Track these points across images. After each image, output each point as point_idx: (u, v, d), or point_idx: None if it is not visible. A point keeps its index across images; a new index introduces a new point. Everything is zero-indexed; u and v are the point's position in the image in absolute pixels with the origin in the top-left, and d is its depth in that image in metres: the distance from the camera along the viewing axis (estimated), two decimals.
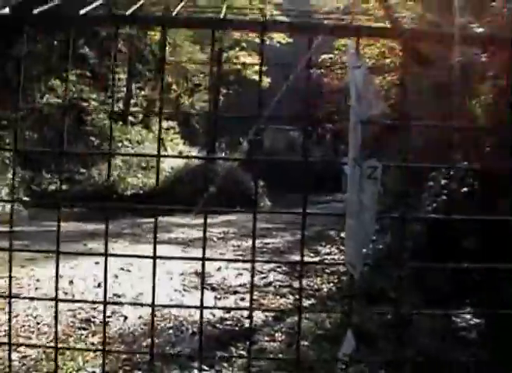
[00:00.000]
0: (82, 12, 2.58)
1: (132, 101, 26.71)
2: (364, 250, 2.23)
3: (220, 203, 19.07)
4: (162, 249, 3.01)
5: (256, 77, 28.23)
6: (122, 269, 8.38)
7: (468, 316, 7.01)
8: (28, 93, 21.27)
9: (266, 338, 5.98)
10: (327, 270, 9.02)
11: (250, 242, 11.07)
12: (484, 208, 6.64)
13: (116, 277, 7.94)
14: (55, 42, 22.77)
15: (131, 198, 19.29)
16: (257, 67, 28.43)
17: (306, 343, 5.71)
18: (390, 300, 7.06)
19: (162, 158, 6.05)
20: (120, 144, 22.58)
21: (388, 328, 6.36)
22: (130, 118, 25.48)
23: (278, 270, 9.08)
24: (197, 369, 4.98)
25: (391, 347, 5.62)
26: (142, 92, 26.99)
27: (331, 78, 18.45)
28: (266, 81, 29.22)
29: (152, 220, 8.56)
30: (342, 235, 10.94)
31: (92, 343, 5.52)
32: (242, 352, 5.59)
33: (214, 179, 21.57)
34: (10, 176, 16.48)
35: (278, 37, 28.99)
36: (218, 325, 6.35)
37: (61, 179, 19.85)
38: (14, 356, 5.02)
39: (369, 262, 5.18)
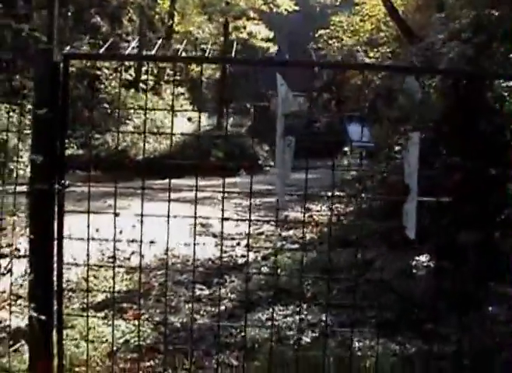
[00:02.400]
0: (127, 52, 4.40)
1: (143, 68, 28.19)
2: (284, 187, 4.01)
3: (226, 167, 20.83)
4: (173, 207, 4.02)
5: (263, 44, 29.65)
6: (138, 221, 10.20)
7: (424, 259, 8.75)
8: None
9: (254, 270, 7.80)
10: (312, 223, 10.84)
11: (248, 201, 12.91)
12: None
13: (134, 226, 9.75)
14: (69, 13, 24.36)
15: (143, 162, 20.94)
16: (263, 35, 29.87)
17: (283, 273, 7.54)
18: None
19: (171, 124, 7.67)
20: (132, 111, 24.18)
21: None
22: (141, 85, 27.06)
23: (271, 223, 10.95)
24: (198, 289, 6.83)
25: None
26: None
27: (329, 51, 20.01)
28: (273, 48, 30.66)
29: (163, 181, 10.76)
30: (330, 193, 12.69)
31: (119, 272, 7.37)
32: (233, 279, 7.46)
33: (221, 144, 23.32)
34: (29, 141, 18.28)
35: (285, 5, 30.29)
36: (216, 261, 8.20)
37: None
38: None
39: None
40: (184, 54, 4.60)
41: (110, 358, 4.71)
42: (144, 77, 27.56)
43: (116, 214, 4.13)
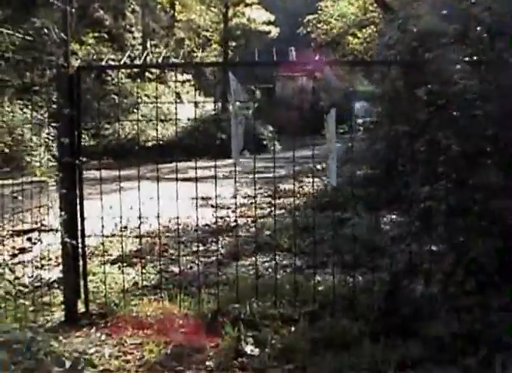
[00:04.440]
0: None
1: (148, 58, 29.74)
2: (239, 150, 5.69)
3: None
4: (178, 185, 6.12)
5: (263, 28, 31.16)
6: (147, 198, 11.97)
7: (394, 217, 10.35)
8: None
9: (244, 230, 9.54)
10: (299, 194, 12.58)
11: (249, 178, 14.59)
12: None
13: (143, 204, 11.50)
14: (73, 9, 25.97)
15: (151, 148, 22.63)
16: (264, 19, 31.38)
17: (267, 233, 9.25)
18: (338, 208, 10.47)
19: (177, 110, 9.38)
20: (139, 100, 25.89)
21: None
22: (147, 75, 28.72)
23: (264, 194, 12.70)
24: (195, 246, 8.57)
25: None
26: (157, 49, 29.96)
27: (318, 35, 21.53)
28: (275, 31, 32.13)
29: (170, 165, 12.78)
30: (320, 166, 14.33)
31: (129, 236, 9.12)
32: (226, 238, 9.23)
33: (227, 127, 24.98)
34: (44, 135, 20.18)
35: None
36: (213, 225, 9.93)
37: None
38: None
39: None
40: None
41: (123, 293, 6.45)
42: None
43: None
